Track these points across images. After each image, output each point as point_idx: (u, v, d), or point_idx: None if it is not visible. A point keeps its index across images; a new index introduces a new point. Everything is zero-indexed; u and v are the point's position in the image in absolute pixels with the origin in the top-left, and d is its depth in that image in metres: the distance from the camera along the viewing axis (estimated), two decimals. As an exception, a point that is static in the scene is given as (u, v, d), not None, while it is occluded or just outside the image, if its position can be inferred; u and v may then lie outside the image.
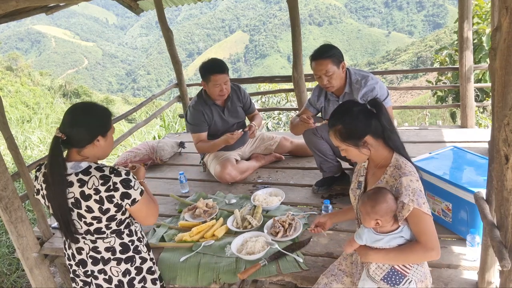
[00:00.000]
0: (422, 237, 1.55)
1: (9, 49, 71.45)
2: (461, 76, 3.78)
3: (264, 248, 2.25)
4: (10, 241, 3.90)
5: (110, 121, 1.82)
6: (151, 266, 1.94)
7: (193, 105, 3.26)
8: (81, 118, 1.73)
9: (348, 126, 1.65)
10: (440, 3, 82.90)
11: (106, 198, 1.69)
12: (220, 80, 3.09)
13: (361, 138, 1.64)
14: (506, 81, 1.23)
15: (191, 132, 3.32)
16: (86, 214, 1.71)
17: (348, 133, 1.65)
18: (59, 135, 1.70)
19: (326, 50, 2.58)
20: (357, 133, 1.64)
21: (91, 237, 1.79)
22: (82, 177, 1.69)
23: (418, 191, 1.56)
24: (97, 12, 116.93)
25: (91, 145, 1.74)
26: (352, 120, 1.65)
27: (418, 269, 1.62)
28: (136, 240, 1.88)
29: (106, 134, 1.78)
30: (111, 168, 1.73)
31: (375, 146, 1.66)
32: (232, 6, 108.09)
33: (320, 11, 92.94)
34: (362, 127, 1.64)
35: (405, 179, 1.57)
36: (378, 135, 1.65)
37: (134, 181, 1.75)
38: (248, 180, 3.30)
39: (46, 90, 17.98)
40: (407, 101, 20.50)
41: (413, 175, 1.59)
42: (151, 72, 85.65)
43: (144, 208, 1.81)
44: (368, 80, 2.63)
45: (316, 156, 2.93)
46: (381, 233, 1.61)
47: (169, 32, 4.49)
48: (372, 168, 1.75)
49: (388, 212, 1.56)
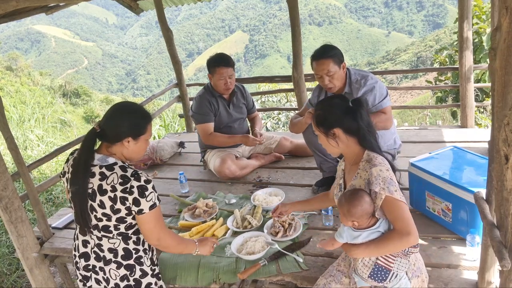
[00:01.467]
0: (397, 224, 1.59)
1: (9, 49, 71.41)
2: (461, 76, 3.78)
3: (264, 248, 2.25)
4: (10, 241, 3.90)
5: (146, 126, 1.82)
6: (150, 282, 1.88)
7: (200, 95, 3.32)
8: (117, 116, 1.77)
9: (322, 113, 1.79)
10: (440, 3, 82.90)
11: (120, 199, 1.69)
12: (225, 73, 3.16)
13: (330, 128, 1.75)
14: (506, 81, 1.23)
15: (197, 123, 3.30)
16: (98, 209, 1.72)
17: (321, 119, 1.79)
18: (95, 126, 1.77)
19: (327, 50, 2.59)
20: (327, 122, 1.76)
21: (97, 233, 1.78)
22: (104, 171, 1.71)
23: (388, 179, 1.62)
24: (97, 12, 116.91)
25: (120, 144, 1.76)
26: (328, 109, 1.79)
27: (401, 261, 1.63)
28: (142, 250, 1.85)
29: (138, 138, 1.79)
30: (134, 171, 1.73)
31: (345, 141, 1.76)
32: (232, 6, 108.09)
33: (320, 11, 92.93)
34: (334, 118, 1.75)
35: (375, 169, 1.64)
36: (351, 132, 1.74)
37: (151, 192, 1.73)
38: (248, 180, 3.30)
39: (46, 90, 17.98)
40: (407, 101, 20.51)
41: (383, 165, 1.66)
42: (151, 72, 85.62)
43: (149, 223, 1.75)
44: (367, 80, 2.63)
45: (316, 156, 2.93)
46: (359, 230, 1.65)
47: (169, 32, 4.49)
48: (348, 166, 1.85)
49: (363, 215, 1.61)
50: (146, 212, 1.72)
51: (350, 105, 1.77)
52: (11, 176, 2.46)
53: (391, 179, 1.63)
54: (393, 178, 1.65)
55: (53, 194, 4.98)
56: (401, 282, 1.64)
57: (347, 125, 1.73)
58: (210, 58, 3.27)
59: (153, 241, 1.82)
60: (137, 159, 1.89)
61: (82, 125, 15.49)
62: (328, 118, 1.77)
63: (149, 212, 1.73)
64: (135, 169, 1.76)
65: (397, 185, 1.64)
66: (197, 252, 2.00)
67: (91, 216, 1.75)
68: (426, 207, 2.37)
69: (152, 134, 6.66)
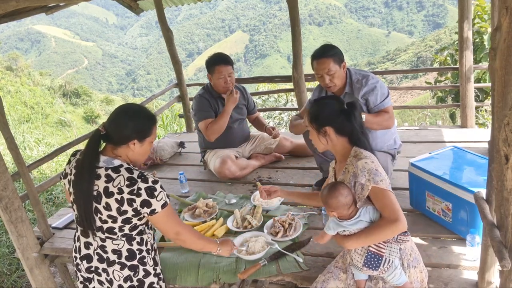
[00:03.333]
0: (385, 211, 1.66)
1: (9, 49, 71.44)
2: (461, 76, 3.78)
3: (264, 248, 2.25)
4: (10, 241, 3.90)
5: (151, 129, 1.83)
6: (153, 282, 1.89)
7: (200, 94, 3.32)
8: (123, 118, 1.77)
9: (316, 110, 1.87)
10: (440, 3, 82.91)
11: (127, 201, 1.69)
12: (224, 72, 3.16)
13: (322, 126, 1.82)
14: (506, 81, 1.23)
15: (199, 121, 3.28)
16: (103, 211, 1.71)
17: (314, 116, 1.86)
18: (100, 128, 1.76)
19: (328, 49, 2.60)
20: (320, 119, 1.83)
21: (101, 235, 1.78)
22: (110, 173, 1.71)
23: (374, 170, 1.69)
24: (97, 12, 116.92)
25: (125, 146, 1.77)
26: (321, 107, 1.88)
27: (392, 247, 1.68)
28: (145, 251, 1.85)
29: (143, 140, 1.80)
30: (140, 172, 1.73)
31: (335, 140, 1.83)
32: (232, 6, 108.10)
33: (320, 11, 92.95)
34: (327, 117, 1.82)
35: (360, 162, 1.71)
36: (343, 132, 1.81)
37: (160, 191, 1.73)
38: (248, 180, 3.30)
39: (46, 90, 18.00)
40: (407, 101, 20.52)
41: (368, 158, 1.72)
42: (151, 72, 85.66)
43: (164, 221, 1.79)
44: (368, 80, 2.63)
45: (316, 156, 2.93)
46: (343, 220, 1.71)
47: (169, 32, 4.49)
48: (338, 164, 1.92)
49: (340, 206, 1.68)
50: (159, 212, 1.74)
51: (345, 107, 1.83)
52: (11, 176, 2.45)
53: (377, 170, 1.69)
54: (378, 168, 1.70)
55: (53, 194, 4.99)
56: (396, 271, 1.67)
57: (340, 125, 1.81)
58: (209, 58, 3.27)
59: (172, 235, 1.86)
60: (141, 161, 1.88)
61: (82, 125, 15.50)
62: (321, 116, 1.84)
63: (162, 210, 1.75)
64: (141, 171, 1.75)
65: (383, 174, 1.70)
66: (218, 251, 2.03)
67: (96, 218, 1.74)
68: (426, 207, 2.37)
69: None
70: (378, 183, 1.66)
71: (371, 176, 1.67)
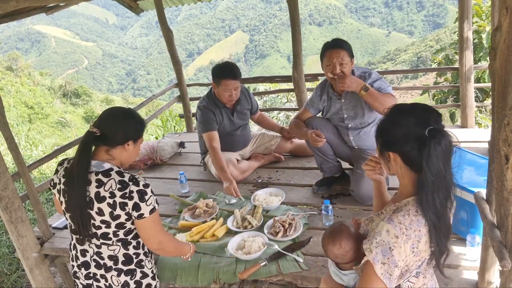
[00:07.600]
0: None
1: (9, 49, 71.51)
2: (461, 76, 3.78)
3: (261, 248, 2.24)
4: (10, 241, 3.90)
5: (143, 130, 1.85)
6: (150, 283, 1.89)
7: (204, 105, 3.26)
8: (121, 119, 1.78)
9: (385, 125, 1.39)
10: (440, 3, 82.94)
11: (119, 204, 1.67)
12: (231, 86, 3.11)
13: (386, 148, 1.38)
14: (506, 81, 1.23)
15: (202, 132, 3.26)
16: (96, 216, 1.69)
17: (379, 131, 1.41)
18: (93, 130, 1.70)
19: (343, 42, 2.67)
20: (386, 140, 1.38)
21: (96, 242, 1.76)
22: (101, 178, 1.68)
23: (386, 246, 1.27)
24: (97, 12, 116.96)
25: (121, 147, 1.76)
26: (393, 123, 1.36)
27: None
28: (142, 254, 1.85)
29: (136, 141, 1.82)
30: (131, 175, 1.72)
31: (399, 171, 1.38)
32: (232, 6, 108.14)
33: (320, 11, 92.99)
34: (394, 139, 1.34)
35: (385, 225, 1.29)
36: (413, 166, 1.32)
37: (150, 196, 1.72)
38: (248, 180, 3.30)
39: (46, 90, 18.00)
40: (407, 101, 20.46)
41: (397, 229, 1.27)
42: (151, 72, 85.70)
43: (149, 227, 1.75)
44: (371, 74, 2.71)
45: (316, 156, 2.93)
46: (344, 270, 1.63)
47: (169, 32, 4.49)
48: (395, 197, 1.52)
49: (336, 257, 1.58)
50: (147, 217, 1.71)
51: (426, 133, 1.26)
52: (11, 176, 2.45)
53: (389, 249, 1.26)
54: (394, 249, 1.26)
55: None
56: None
57: (409, 154, 1.31)
58: (217, 67, 3.20)
59: (154, 245, 1.81)
60: (129, 163, 1.87)
61: (82, 125, 15.50)
62: (388, 136, 1.36)
63: (149, 216, 1.72)
64: (131, 174, 1.74)
65: (390, 260, 1.26)
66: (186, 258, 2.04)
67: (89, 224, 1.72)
68: (426, 207, 2.37)
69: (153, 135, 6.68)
70: (376, 263, 1.26)
71: (377, 250, 1.27)
